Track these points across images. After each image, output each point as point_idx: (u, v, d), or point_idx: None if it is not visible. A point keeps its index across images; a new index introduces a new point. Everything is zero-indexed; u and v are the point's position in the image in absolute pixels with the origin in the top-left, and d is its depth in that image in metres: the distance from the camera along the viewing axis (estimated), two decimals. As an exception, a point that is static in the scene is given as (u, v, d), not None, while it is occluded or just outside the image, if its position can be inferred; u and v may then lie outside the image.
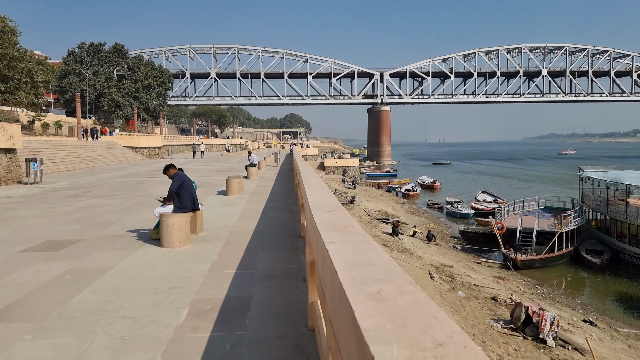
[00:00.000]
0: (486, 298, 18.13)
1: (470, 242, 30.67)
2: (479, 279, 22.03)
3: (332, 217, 3.37)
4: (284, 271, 5.99)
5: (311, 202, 4.22)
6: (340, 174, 63.90)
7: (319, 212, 3.65)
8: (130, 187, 18.09)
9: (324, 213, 3.58)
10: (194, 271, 5.98)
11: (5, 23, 48.43)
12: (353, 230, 2.84)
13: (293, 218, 10.29)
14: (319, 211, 3.68)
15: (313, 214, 3.56)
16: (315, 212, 3.60)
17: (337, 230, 2.86)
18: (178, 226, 7.30)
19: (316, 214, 3.55)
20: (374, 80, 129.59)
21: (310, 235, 3.54)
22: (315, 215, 3.45)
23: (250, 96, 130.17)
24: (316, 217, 3.36)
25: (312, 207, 3.87)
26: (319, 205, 3.99)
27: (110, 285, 5.36)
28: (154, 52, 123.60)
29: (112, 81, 74.64)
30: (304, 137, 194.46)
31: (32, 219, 10.32)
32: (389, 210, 40.09)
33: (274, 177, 22.42)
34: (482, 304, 17.08)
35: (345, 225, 3.02)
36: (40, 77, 52.53)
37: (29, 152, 26.23)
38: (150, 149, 49.49)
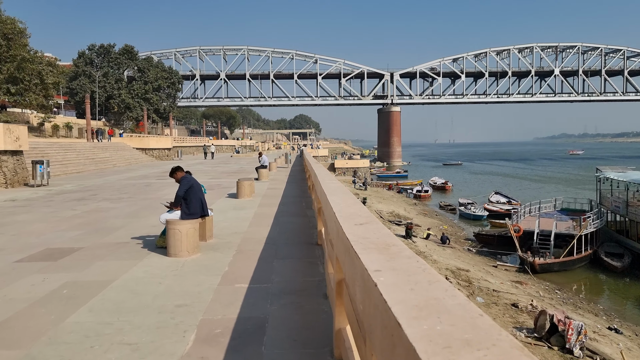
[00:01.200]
0: (506, 304, 17.43)
1: (485, 245, 29.93)
2: (496, 283, 21.33)
3: (367, 232, 2.79)
4: (302, 285, 5.41)
5: (337, 211, 3.64)
6: (350, 175, 63.25)
7: (349, 224, 3.07)
8: (138, 189, 17.61)
9: (355, 226, 3.00)
10: (203, 285, 5.42)
11: (15, 25, 48.36)
12: (400, 252, 2.26)
13: (307, 223, 9.71)
14: (349, 223, 3.10)
15: (343, 227, 2.98)
16: (346, 225, 3.02)
17: (379, 252, 2.28)
18: (186, 234, 6.75)
19: (346, 227, 2.98)
20: (384, 80, 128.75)
21: (342, 254, 2.97)
22: (345, 229, 2.88)
23: (259, 97, 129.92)
24: (348, 232, 2.78)
25: (340, 218, 3.29)
26: (347, 216, 3.41)
27: (109, 302, 4.82)
28: (163, 54, 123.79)
29: (122, 83, 74.58)
30: (314, 138, 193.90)
31: (33, 224, 9.83)
32: (401, 212, 39.42)
33: (285, 179, 21.87)
34: (503, 310, 16.39)
35: (387, 244, 2.43)
36: (50, 78, 52.45)
37: (37, 154, 25.90)
38: (159, 151, 49.19)
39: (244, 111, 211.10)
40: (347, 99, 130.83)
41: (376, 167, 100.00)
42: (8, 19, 47.91)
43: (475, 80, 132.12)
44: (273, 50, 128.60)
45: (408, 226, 28.65)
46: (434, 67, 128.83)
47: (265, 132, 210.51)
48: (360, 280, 2.12)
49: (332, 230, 3.96)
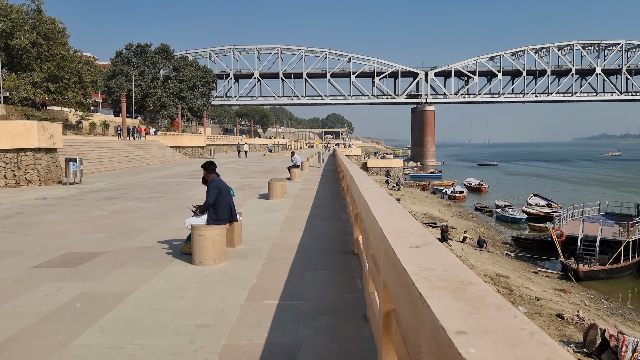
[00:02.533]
0: (550, 315, 16.43)
1: (524, 250, 28.73)
2: (538, 291, 20.28)
3: (428, 259, 2.17)
4: (338, 303, 4.81)
5: (383, 225, 3.04)
6: (383, 175, 62.32)
7: (403, 246, 2.46)
8: (169, 188, 17.35)
9: (411, 250, 2.39)
10: (228, 300, 4.88)
11: (55, 25, 49.35)
12: (483, 297, 1.64)
13: (342, 228, 9.11)
14: (402, 245, 2.48)
15: (395, 250, 2.38)
16: (398, 247, 2.41)
17: (455, 295, 1.66)
18: (212, 240, 6.24)
19: (400, 249, 2.37)
20: (418, 79, 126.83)
21: (394, 284, 2.35)
22: (399, 253, 2.27)
23: (292, 96, 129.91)
24: (403, 259, 2.18)
25: (389, 236, 2.69)
26: (397, 233, 2.79)
27: (124, 320, 4.32)
28: (198, 53, 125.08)
29: (158, 81, 75.51)
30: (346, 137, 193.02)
31: (59, 225, 9.53)
32: (435, 214, 38.40)
33: (318, 179, 21.31)
34: (548, 322, 15.42)
35: (461, 282, 1.82)
36: (89, 77, 53.39)
37: (72, 152, 26.10)
38: (193, 149, 49.42)
39: (277, 110, 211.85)
40: (381, 98, 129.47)
41: (409, 166, 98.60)
42: (49, 19, 48.94)
43: (513, 79, 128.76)
44: (306, 49, 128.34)
45: (444, 228, 27.74)
46: (470, 65, 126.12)
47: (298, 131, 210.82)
48: (432, 339, 1.51)
49: (376, 247, 3.36)
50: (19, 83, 44.42)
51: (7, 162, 17.74)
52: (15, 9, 45.70)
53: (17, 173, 17.83)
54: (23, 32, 45.13)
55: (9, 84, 44.20)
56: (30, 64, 46.96)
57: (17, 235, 8.50)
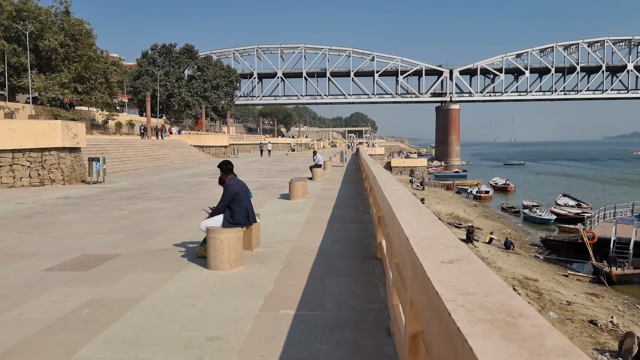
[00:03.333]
0: (583, 321, 15.75)
1: (553, 252, 27.87)
2: (569, 295, 19.56)
3: (466, 279, 1.82)
4: (360, 314, 4.47)
5: (410, 234, 2.69)
6: (407, 174, 61.60)
7: (433, 261, 2.11)
8: (189, 188, 17.23)
9: (443, 265, 2.04)
10: (242, 309, 4.58)
11: (83, 26, 50.08)
12: (542, 336, 1.28)
13: (364, 231, 8.74)
14: (433, 259, 2.14)
15: (424, 265, 2.03)
16: (428, 262, 2.07)
17: (503, 334, 1.31)
18: (227, 244, 5.96)
19: (429, 265, 2.02)
20: (443, 77, 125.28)
21: (423, 306, 1.99)
22: (429, 271, 1.93)
23: (316, 95, 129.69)
24: (434, 278, 1.83)
25: (417, 248, 2.34)
26: (427, 244, 2.44)
27: (130, 331, 4.06)
28: (222, 53, 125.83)
29: (182, 81, 76.14)
30: (370, 136, 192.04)
31: (76, 226, 9.40)
32: (460, 214, 37.66)
33: (340, 178, 20.95)
34: (580, 328, 14.77)
35: (509, 312, 1.46)
36: (115, 77, 54.07)
37: (97, 151, 26.30)
38: (216, 148, 49.57)
39: (300, 109, 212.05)
40: (404, 97, 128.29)
41: (434, 166, 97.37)
42: (76, 21, 49.68)
43: (541, 77, 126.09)
44: (330, 48, 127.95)
45: (469, 229, 27.11)
46: (496, 63, 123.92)
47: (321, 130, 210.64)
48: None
49: (401, 257, 3.01)
50: (48, 84, 45.19)
51: (32, 162, 17.86)
52: (44, 10, 46.49)
53: (42, 172, 17.93)
54: (51, 34, 45.87)
55: (38, 84, 44.99)
56: (58, 64, 47.72)
57: (34, 236, 8.38)
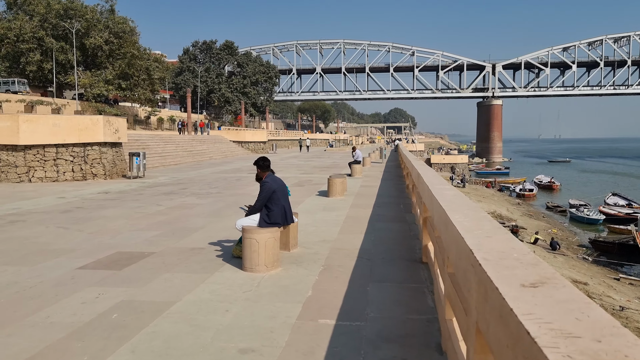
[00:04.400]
0: (638, 328, 14.81)
1: (603, 254, 26.55)
2: (622, 300, 18.51)
3: (561, 313, 1.42)
4: (406, 326, 4.07)
5: (472, 244, 2.28)
6: (448, 172, 60.35)
7: (511, 282, 1.71)
8: (228, 183, 17.12)
9: (526, 291, 1.63)
10: (278, 317, 4.26)
11: (127, 24, 51.15)
12: None
13: (407, 231, 8.30)
14: (508, 280, 1.73)
15: (499, 288, 1.63)
16: (505, 285, 1.67)
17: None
18: (264, 245, 5.65)
19: (508, 290, 1.62)
20: (485, 72, 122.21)
21: (508, 355, 1.60)
22: (510, 299, 1.53)
23: (354, 91, 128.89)
24: (519, 309, 1.43)
25: (485, 264, 1.94)
26: (496, 257, 2.03)
27: (159, 339, 3.79)
28: (262, 49, 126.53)
29: (223, 77, 76.93)
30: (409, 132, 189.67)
31: (114, 221, 9.33)
32: (503, 213, 36.47)
33: (380, 175, 20.47)
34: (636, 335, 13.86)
35: None
36: (157, 74, 55.06)
37: (139, 146, 26.65)
38: (255, 144, 49.75)
39: (339, 105, 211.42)
40: (445, 92, 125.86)
41: (475, 163, 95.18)
42: (120, 19, 50.79)
43: (589, 71, 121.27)
44: (369, 44, 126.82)
45: (513, 229, 26.21)
46: (542, 57, 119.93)
47: (360, 125, 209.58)
48: None
49: (461, 271, 2.60)
50: (93, 80, 46.35)
51: (75, 156, 18.14)
52: (90, 9, 47.64)
53: (84, 167, 18.20)
54: (97, 32, 47.00)
55: (84, 81, 46.22)
56: (103, 62, 48.90)
57: (72, 232, 8.33)
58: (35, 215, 10.19)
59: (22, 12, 46.48)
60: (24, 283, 5.36)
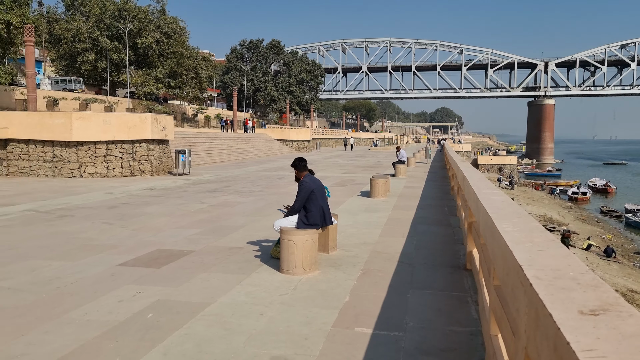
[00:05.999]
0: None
1: (662, 262, 25.14)
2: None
3: (627, 350, 1.21)
4: (448, 339, 3.84)
5: (521, 259, 2.07)
6: (495, 173, 58.71)
7: (565, 308, 1.49)
8: (271, 182, 17.16)
9: (583, 318, 1.42)
10: (314, 323, 4.12)
11: (177, 24, 52.37)
12: None
13: (451, 235, 8.01)
14: (564, 305, 1.52)
15: (553, 315, 1.43)
16: (560, 312, 1.46)
17: None
18: (302, 247, 5.53)
19: (564, 318, 1.41)
20: (537, 70, 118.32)
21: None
22: (567, 332, 1.32)
23: (400, 90, 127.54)
24: (578, 345, 1.23)
25: (537, 284, 1.73)
26: (548, 276, 1.82)
27: (191, 342, 3.72)
28: (308, 48, 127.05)
29: (269, 76, 77.64)
30: (455, 131, 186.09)
31: (157, 218, 9.45)
32: (554, 216, 35.14)
33: (425, 176, 20.04)
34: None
35: None
36: (204, 72, 56.13)
37: (185, 144, 27.15)
38: (299, 142, 49.91)
39: (384, 104, 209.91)
40: (494, 91, 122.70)
41: (524, 164, 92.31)
42: (171, 19, 52.04)
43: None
44: (416, 42, 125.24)
45: (565, 234, 25.11)
46: (598, 54, 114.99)
47: (405, 125, 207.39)
48: None
49: (509, 287, 2.37)
50: (144, 79, 47.70)
51: (124, 153, 18.63)
52: (143, 9, 49.03)
53: (132, 163, 18.67)
54: (148, 32, 48.31)
55: (135, 80, 47.64)
56: (153, 61, 50.23)
57: (116, 228, 8.48)
58: (83, 210, 10.46)
59: (79, 14, 48.35)
60: (65, 279, 5.45)
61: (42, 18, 47.66)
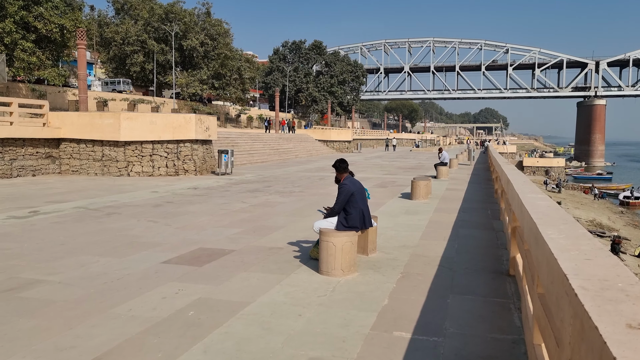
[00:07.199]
0: None
1: None
2: None
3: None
4: (489, 346, 3.76)
5: (567, 268, 2.00)
6: (541, 175, 57.01)
7: (613, 321, 1.43)
8: (311, 182, 17.24)
9: (631, 332, 1.36)
10: (352, 326, 4.12)
11: (222, 26, 53.32)
12: None
13: (494, 240, 7.83)
14: (611, 317, 1.46)
15: (599, 328, 1.38)
16: (607, 325, 1.40)
17: None
18: (341, 249, 5.53)
19: (611, 332, 1.36)
20: (587, 70, 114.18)
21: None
22: (613, 346, 1.28)
23: (443, 90, 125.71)
24: (623, 358, 1.19)
25: (583, 295, 1.67)
26: (595, 287, 1.75)
27: (231, 340, 3.79)
28: (350, 48, 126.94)
29: (310, 77, 77.98)
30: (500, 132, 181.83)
31: (200, 217, 9.65)
32: (604, 221, 33.78)
33: (468, 178, 19.68)
34: None
35: None
36: (247, 74, 56.93)
37: (228, 144, 27.62)
38: (340, 143, 49.93)
39: (427, 104, 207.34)
40: (541, 92, 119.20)
41: (572, 166, 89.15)
42: (216, 21, 53.05)
43: None
44: (460, 41, 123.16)
45: (615, 240, 24.12)
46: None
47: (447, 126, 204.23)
48: None
49: (553, 296, 2.30)
50: (189, 80, 48.80)
51: (169, 153, 19.12)
52: (189, 12, 50.17)
53: (177, 163, 19.13)
54: (194, 34, 49.40)
55: (181, 81, 48.78)
56: (198, 62, 51.31)
57: (160, 226, 8.71)
58: (130, 208, 10.80)
59: (128, 17, 49.95)
60: (112, 274, 5.64)
61: (94, 22, 49.56)
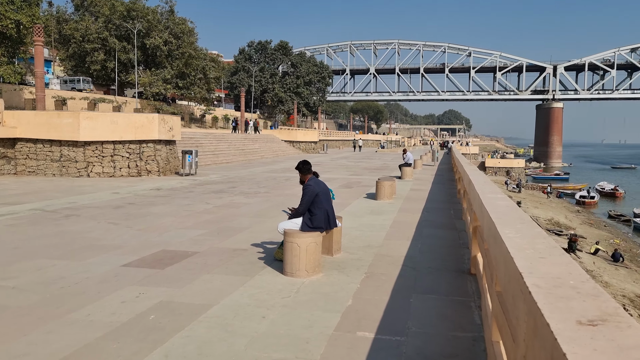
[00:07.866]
0: None
1: (671, 268, 24.88)
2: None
3: (617, 359, 1.20)
4: (451, 345, 3.82)
5: (522, 266, 2.05)
6: (503, 176, 58.48)
7: (564, 318, 1.47)
8: (277, 183, 17.17)
9: (581, 329, 1.39)
10: (315, 326, 4.11)
11: (186, 25, 52.55)
12: None
13: (456, 239, 7.97)
14: (562, 314, 1.50)
15: (551, 325, 1.41)
16: (558, 322, 1.44)
17: None
18: (305, 249, 5.53)
19: (561, 328, 1.40)
20: (546, 74, 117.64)
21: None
22: (562, 342, 1.31)
23: (408, 92, 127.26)
24: (572, 353, 1.22)
25: (536, 292, 1.71)
26: (548, 284, 1.80)
27: (193, 344, 3.73)
28: (316, 49, 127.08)
29: (276, 77, 77.71)
30: (463, 134, 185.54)
31: (162, 219, 9.48)
32: (561, 220, 34.94)
33: (431, 179, 19.99)
34: None
35: None
36: (212, 73, 56.32)
37: (192, 144, 27.23)
38: (306, 144, 49.93)
39: (392, 106, 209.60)
40: (502, 94, 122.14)
41: (532, 167, 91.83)
42: (180, 20, 52.24)
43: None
44: (424, 44, 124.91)
45: (572, 238, 24.99)
46: (607, 58, 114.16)
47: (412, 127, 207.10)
48: None
49: (509, 294, 2.36)
50: (152, 79, 47.90)
51: (131, 153, 18.71)
52: (152, 10, 49.23)
53: (139, 163, 18.74)
54: (157, 32, 48.49)
55: (144, 80, 47.85)
56: (162, 61, 50.42)
57: (121, 228, 8.51)
58: (90, 210, 10.52)
59: (88, 14, 48.64)
60: (70, 278, 5.48)
61: (52, 18, 48.01)
